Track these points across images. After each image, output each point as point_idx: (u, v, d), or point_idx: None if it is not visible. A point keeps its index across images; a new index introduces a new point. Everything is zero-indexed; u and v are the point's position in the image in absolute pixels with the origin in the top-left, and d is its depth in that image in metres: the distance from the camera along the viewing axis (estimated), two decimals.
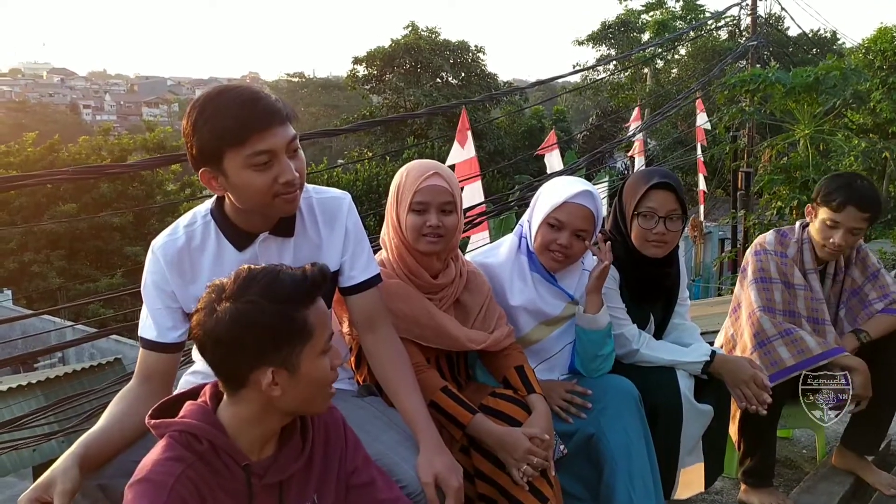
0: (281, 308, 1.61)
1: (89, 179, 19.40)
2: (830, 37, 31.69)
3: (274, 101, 1.97)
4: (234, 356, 1.62)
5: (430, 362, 2.58)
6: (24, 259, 25.64)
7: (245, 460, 1.68)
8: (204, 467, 1.64)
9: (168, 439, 1.66)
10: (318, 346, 1.68)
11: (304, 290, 1.65)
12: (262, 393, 1.65)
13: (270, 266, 1.68)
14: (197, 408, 1.71)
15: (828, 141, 10.27)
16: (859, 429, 3.43)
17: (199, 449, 1.64)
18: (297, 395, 1.69)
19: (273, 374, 1.63)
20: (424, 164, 2.54)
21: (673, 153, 24.86)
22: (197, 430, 1.65)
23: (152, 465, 1.61)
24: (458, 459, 2.42)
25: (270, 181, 1.97)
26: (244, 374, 1.64)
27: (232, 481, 1.67)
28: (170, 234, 2.16)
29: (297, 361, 1.65)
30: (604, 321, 2.73)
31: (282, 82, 73.61)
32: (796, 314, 3.25)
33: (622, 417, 2.62)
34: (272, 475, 1.73)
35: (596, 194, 2.76)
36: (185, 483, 1.59)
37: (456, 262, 2.66)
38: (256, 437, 1.72)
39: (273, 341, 1.62)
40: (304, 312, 1.64)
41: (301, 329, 1.64)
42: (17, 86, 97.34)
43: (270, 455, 1.75)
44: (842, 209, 3.16)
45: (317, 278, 1.67)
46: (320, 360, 1.70)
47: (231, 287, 1.62)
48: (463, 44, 35.73)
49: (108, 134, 32.44)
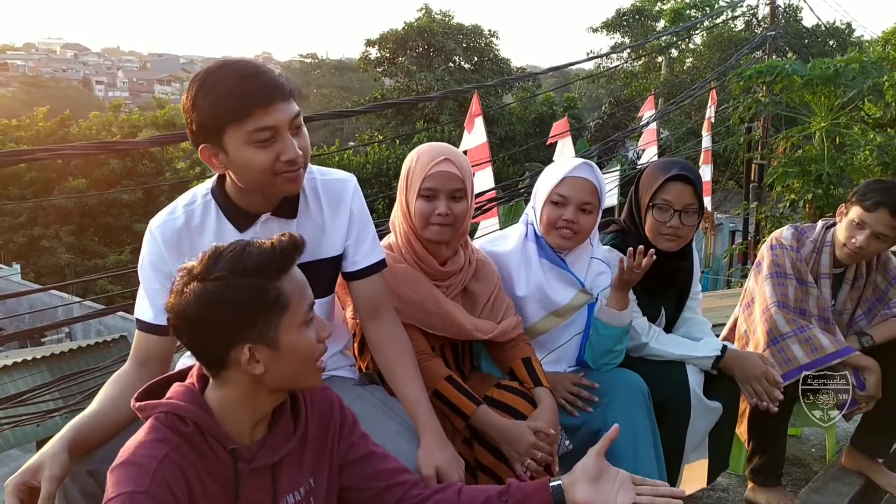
0: (251, 281, 1.54)
1: (98, 155, 19.36)
2: (846, 28, 31.36)
3: (277, 75, 1.89)
4: (209, 336, 1.56)
5: (434, 351, 2.53)
6: (34, 233, 25.75)
7: (232, 444, 1.62)
8: (190, 450, 1.58)
9: (153, 421, 1.60)
10: (297, 317, 1.61)
11: (274, 261, 1.58)
12: (245, 372, 1.59)
13: (237, 241, 1.61)
14: (183, 389, 1.65)
15: (843, 134, 10.15)
16: (870, 431, 3.36)
17: (185, 431, 1.58)
18: (283, 371, 1.62)
19: (251, 350, 1.57)
20: (436, 147, 2.47)
21: (686, 143, 24.70)
22: (182, 411, 1.59)
23: (135, 448, 1.55)
24: (461, 451, 2.37)
25: (272, 159, 1.90)
26: (223, 354, 1.58)
27: (218, 465, 1.61)
28: (169, 213, 2.09)
29: (276, 335, 1.58)
30: (627, 319, 2.66)
31: (294, 63, 73.67)
32: (807, 312, 3.18)
33: (630, 413, 2.55)
34: (261, 458, 1.67)
35: (595, 167, 2.70)
36: (169, 466, 1.53)
37: (465, 250, 2.60)
38: (246, 419, 1.66)
39: (246, 316, 1.55)
40: (277, 283, 1.57)
41: (275, 300, 1.57)
42: (31, 60, 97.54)
43: (260, 438, 1.69)
44: (873, 210, 3.07)
45: (287, 248, 1.60)
46: (302, 332, 1.63)
47: (199, 266, 1.55)
48: (476, 28, 35.54)
49: (119, 110, 32.47)
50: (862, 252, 3.13)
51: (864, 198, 3.11)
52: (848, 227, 3.16)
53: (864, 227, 3.09)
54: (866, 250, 3.13)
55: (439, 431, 2.15)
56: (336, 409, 1.87)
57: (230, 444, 1.62)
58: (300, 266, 2.16)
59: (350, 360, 2.46)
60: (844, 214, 3.21)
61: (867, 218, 3.09)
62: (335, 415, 1.86)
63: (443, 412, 2.36)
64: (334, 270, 2.26)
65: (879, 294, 3.33)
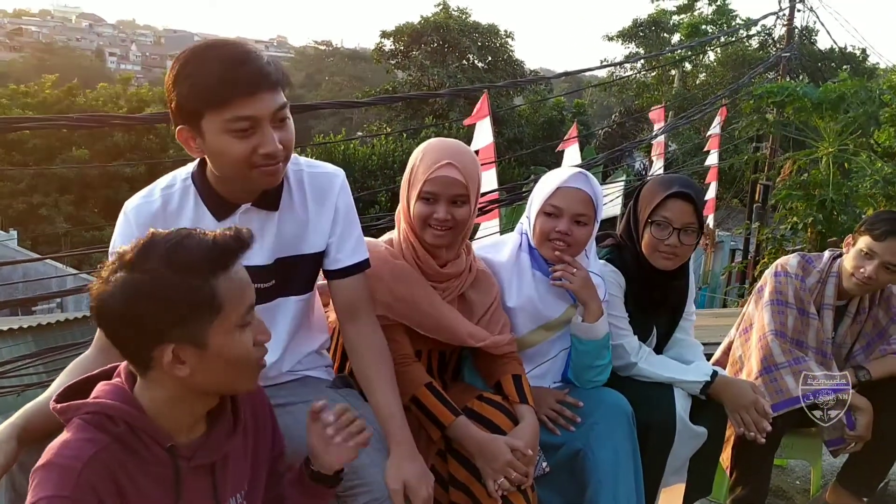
0: (184, 277, 1.43)
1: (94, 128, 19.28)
2: (860, 54, 31.27)
3: (264, 63, 1.80)
4: (132, 332, 1.45)
5: (420, 356, 2.45)
6: (33, 201, 25.70)
7: (169, 441, 1.52)
8: (121, 450, 1.47)
9: (78, 421, 1.49)
10: (231, 321, 1.49)
11: (213, 258, 1.46)
12: (169, 374, 1.49)
13: (177, 230, 1.49)
14: (111, 387, 1.54)
15: (851, 161, 10.06)
16: (857, 469, 3.29)
17: (115, 431, 1.48)
18: (212, 375, 1.51)
19: (175, 351, 1.46)
20: (442, 148, 2.37)
21: (693, 158, 24.61)
22: (111, 410, 1.49)
23: (59, 448, 1.44)
24: (435, 464, 2.31)
25: (249, 150, 1.82)
26: (146, 352, 1.47)
27: (155, 464, 1.51)
28: (145, 195, 2.01)
29: (206, 337, 1.47)
30: (601, 331, 2.57)
31: (309, 49, 73.70)
32: (804, 344, 3.12)
33: (612, 435, 2.48)
34: (202, 456, 1.58)
35: (592, 177, 2.60)
36: (95, 468, 1.42)
37: (467, 256, 2.52)
38: (181, 418, 1.56)
39: (174, 315, 1.43)
40: (213, 282, 1.45)
41: (208, 301, 1.45)
42: (46, 27, 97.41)
43: (200, 436, 1.60)
44: (883, 239, 3.02)
45: (229, 244, 1.49)
46: (236, 336, 1.51)
47: (131, 254, 1.44)
48: (492, 27, 35.44)
49: (129, 83, 32.39)
50: (871, 282, 3.07)
51: (874, 227, 3.06)
52: (856, 256, 3.09)
53: (874, 256, 3.04)
54: (875, 280, 3.06)
55: (410, 444, 2.07)
56: (268, 411, 1.80)
57: (167, 441, 1.52)
58: (281, 260, 2.09)
59: (326, 361, 2.38)
60: (852, 245, 3.15)
61: (876, 247, 3.03)
62: (268, 416, 1.79)
63: (419, 421, 2.29)
64: (315, 267, 2.17)
65: (880, 330, 3.26)
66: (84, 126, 8.85)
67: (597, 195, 2.57)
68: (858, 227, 3.18)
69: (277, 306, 2.13)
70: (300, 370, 2.26)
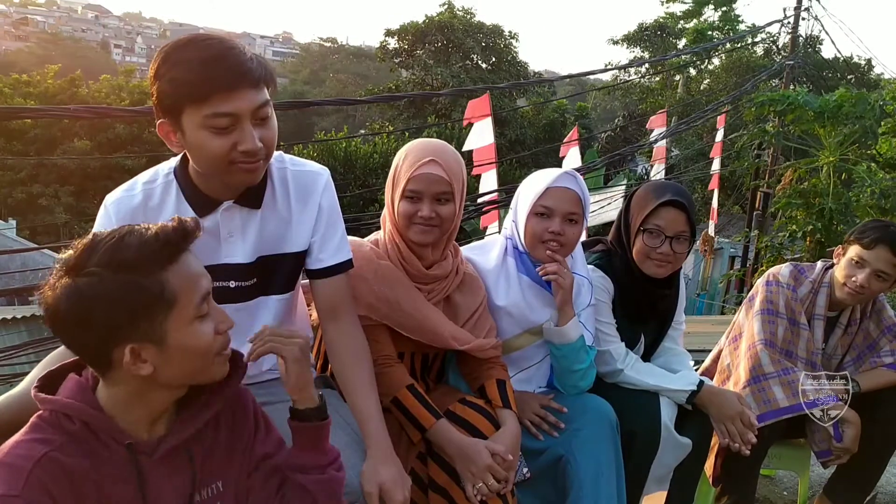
0: (127, 277, 1.39)
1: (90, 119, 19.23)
2: (865, 64, 31.24)
3: (246, 59, 1.78)
4: (86, 336, 1.42)
5: (403, 358, 2.43)
6: (33, 191, 25.68)
7: (128, 439, 1.50)
8: (76, 449, 1.45)
9: (36, 419, 1.48)
10: (187, 312, 1.47)
11: (157, 252, 1.43)
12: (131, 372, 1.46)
13: (118, 228, 1.46)
14: (73, 384, 1.52)
15: (851, 171, 10.04)
16: (844, 481, 3.26)
17: (71, 429, 1.46)
18: (176, 368, 1.49)
19: (134, 351, 1.43)
20: (425, 147, 2.37)
21: (695, 164, 24.60)
22: (69, 409, 1.47)
23: (11, 448, 1.42)
24: (415, 467, 2.29)
25: (228, 147, 1.79)
26: (104, 354, 1.44)
27: (113, 463, 1.49)
28: (127, 189, 1.99)
29: (163, 333, 1.44)
30: (573, 334, 2.55)
31: (314, 45, 73.77)
32: (794, 355, 3.09)
33: (595, 442, 2.46)
34: (165, 446, 1.55)
35: (579, 177, 2.60)
36: (47, 467, 1.40)
37: (454, 258, 2.50)
38: (141, 416, 1.53)
39: (126, 316, 1.40)
40: (160, 277, 1.42)
41: (158, 297, 1.42)
42: (52, 17, 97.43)
43: (163, 433, 1.57)
44: (872, 247, 3.01)
45: (171, 237, 1.45)
46: (195, 327, 1.49)
47: (72, 258, 1.41)
48: (497, 28, 35.38)
49: (132, 76, 32.37)
50: (863, 291, 3.05)
51: (863, 236, 3.05)
52: (847, 266, 3.08)
53: (865, 265, 3.02)
54: (868, 289, 3.04)
55: (388, 447, 2.04)
56: (251, 412, 1.75)
57: (125, 439, 1.50)
58: (262, 258, 2.06)
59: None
60: (842, 255, 3.13)
61: (867, 256, 3.02)
62: (249, 417, 1.74)
63: (400, 423, 2.28)
64: (297, 266, 2.15)
65: (871, 342, 3.24)
66: (81, 117, 8.84)
67: (584, 194, 2.57)
68: (848, 236, 3.17)
69: (258, 305, 2.11)
70: None
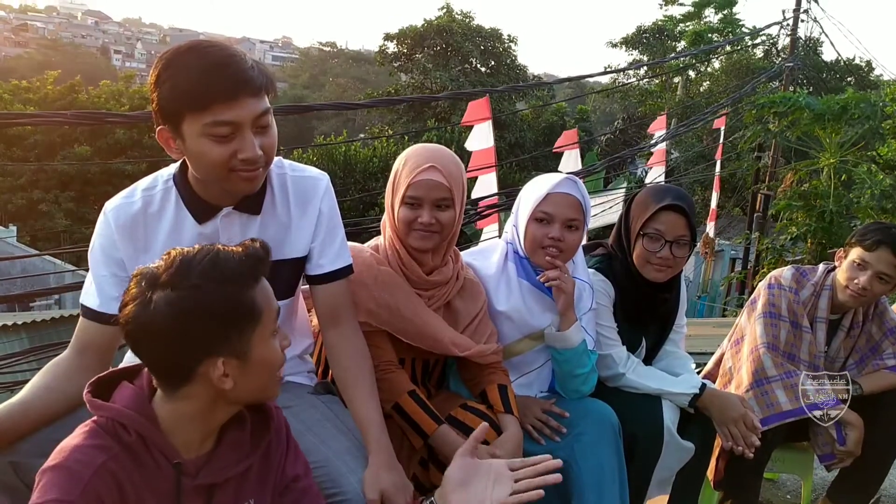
0: (228, 290, 1.45)
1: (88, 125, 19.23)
2: (865, 66, 31.23)
3: (248, 67, 1.77)
4: (179, 349, 1.44)
5: (404, 364, 2.42)
6: (33, 196, 25.66)
7: (177, 458, 1.51)
8: (129, 460, 1.47)
9: (93, 424, 1.49)
10: (268, 328, 1.53)
11: (250, 268, 1.49)
12: (210, 387, 1.49)
13: (206, 246, 1.50)
14: (131, 393, 1.53)
15: (851, 172, 10.04)
16: (847, 484, 3.24)
17: (127, 440, 1.47)
18: (250, 384, 1.53)
19: (224, 364, 1.47)
20: (424, 152, 2.36)
21: (695, 166, 24.60)
22: (127, 419, 1.48)
23: (71, 451, 1.43)
24: (416, 473, 2.29)
25: (228, 155, 1.79)
26: (190, 368, 1.47)
27: (159, 479, 1.50)
28: (126, 196, 1.98)
29: (248, 347, 1.50)
30: (575, 339, 2.55)
31: (313, 50, 73.84)
32: (796, 358, 3.08)
33: (598, 447, 2.45)
34: (205, 476, 1.56)
35: (579, 182, 2.59)
36: (104, 476, 1.42)
37: (455, 264, 2.49)
38: (196, 433, 1.55)
39: (222, 328, 1.46)
40: (251, 293, 1.49)
41: (250, 311, 1.48)
42: (52, 24, 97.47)
43: (207, 452, 1.58)
44: (874, 249, 3.00)
45: (260, 254, 1.52)
46: (271, 343, 1.55)
47: (167, 272, 1.43)
48: (495, 31, 35.39)
49: (131, 81, 32.39)
50: (865, 293, 3.04)
51: (865, 238, 3.05)
52: (849, 268, 3.07)
53: (867, 267, 3.02)
54: (870, 291, 3.03)
55: (389, 453, 2.03)
56: (284, 433, 1.76)
57: (175, 457, 1.51)
58: None
59: (308, 366, 2.35)
60: (844, 258, 3.13)
61: (868, 258, 3.01)
62: (283, 438, 1.75)
63: (402, 429, 2.27)
64: (297, 272, 2.15)
65: (873, 345, 3.23)
66: (79, 123, 8.85)
67: (585, 199, 2.56)
68: (849, 239, 3.16)
69: None
70: (283, 376, 2.22)
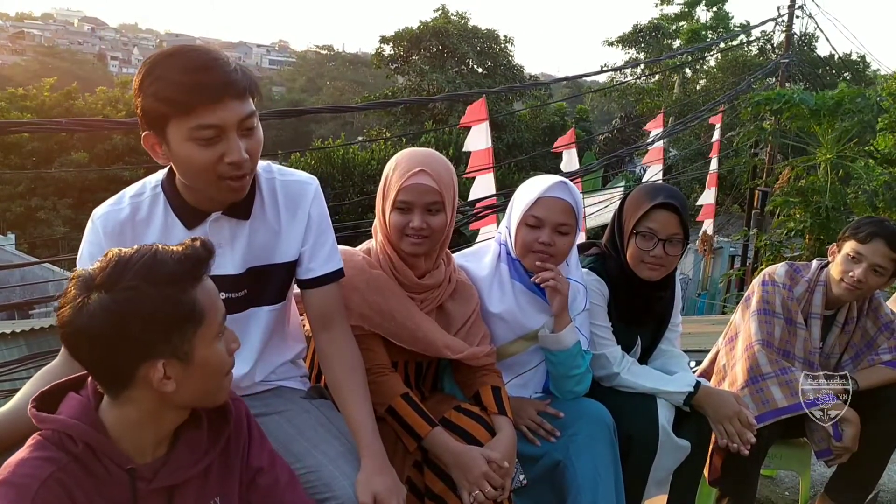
0: (165, 291, 1.41)
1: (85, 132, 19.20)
2: (860, 61, 31.24)
3: (231, 70, 1.77)
4: (117, 353, 1.41)
5: (397, 366, 2.42)
6: (31, 204, 25.68)
7: (129, 464, 1.49)
8: (79, 470, 1.45)
9: (39, 437, 1.47)
10: (211, 330, 1.49)
11: (189, 268, 1.46)
12: (152, 391, 1.46)
13: (144, 246, 1.47)
14: (76, 403, 1.51)
15: (848, 168, 10.03)
16: (845, 480, 3.24)
17: (75, 451, 1.45)
18: (194, 387, 1.50)
19: (164, 366, 1.44)
20: (414, 157, 2.35)
21: (693, 164, 24.60)
22: (73, 429, 1.46)
23: (16, 466, 1.42)
24: (410, 476, 2.28)
25: (214, 159, 1.79)
26: (129, 371, 1.44)
27: (112, 486, 1.48)
28: (114, 203, 1.98)
29: (191, 349, 1.46)
30: (569, 340, 2.54)
31: (310, 53, 73.87)
32: (791, 354, 3.08)
33: (593, 447, 2.45)
34: (163, 478, 1.54)
35: (572, 186, 2.58)
36: (52, 488, 1.40)
37: (447, 267, 2.49)
38: (147, 438, 1.53)
39: (161, 330, 1.42)
40: (192, 293, 1.45)
41: (190, 312, 1.45)
42: (48, 31, 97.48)
43: (162, 456, 1.57)
44: (868, 241, 3.00)
45: (201, 254, 1.48)
46: (215, 345, 1.52)
47: (102, 274, 1.41)
48: (492, 32, 35.41)
49: (127, 87, 32.39)
50: (861, 286, 3.03)
51: (858, 231, 3.05)
52: (843, 262, 3.07)
53: (861, 260, 3.02)
54: (865, 284, 3.03)
55: (382, 456, 2.02)
56: (244, 423, 1.74)
57: (127, 463, 1.49)
58: (252, 269, 2.05)
59: (301, 370, 2.35)
60: (837, 252, 3.12)
61: (863, 250, 3.01)
62: (243, 428, 1.74)
63: (395, 432, 2.26)
64: (288, 276, 2.14)
65: (868, 340, 3.22)
66: (75, 130, 8.84)
67: (577, 203, 2.55)
68: (842, 233, 3.16)
69: (249, 316, 2.10)
70: (274, 380, 2.22)
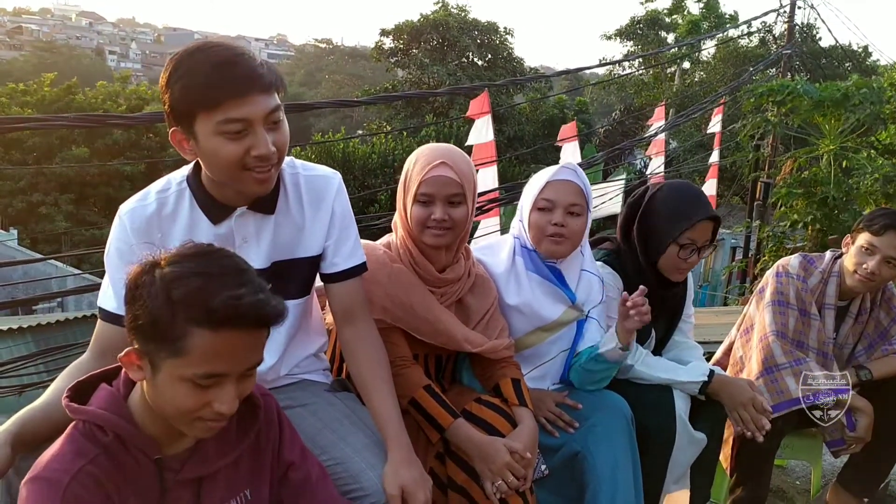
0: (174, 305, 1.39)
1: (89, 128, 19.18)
2: (862, 52, 31.21)
3: (257, 65, 1.80)
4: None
5: (417, 359, 2.44)
6: (33, 199, 25.67)
7: (157, 453, 1.51)
8: (108, 461, 1.47)
9: (72, 430, 1.50)
10: (185, 372, 1.41)
11: (208, 311, 1.39)
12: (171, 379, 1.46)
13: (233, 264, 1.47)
14: (105, 394, 1.53)
15: (852, 159, 10.03)
16: (857, 469, 3.27)
17: (105, 441, 1.47)
18: (158, 401, 1.47)
19: (137, 355, 1.45)
20: (435, 150, 2.38)
21: (694, 156, 24.59)
22: (102, 420, 1.48)
23: (49, 461, 1.44)
24: (433, 467, 2.30)
25: (242, 152, 1.81)
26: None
27: (141, 476, 1.50)
28: (140, 199, 2.00)
29: (157, 368, 1.43)
30: (626, 355, 2.58)
31: (309, 47, 73.77)
32: (805, 345, 3.10)
33: (611, 437, 2.47)
34: (190, 469, 1.56)
35: (579, 170, 2.64)
36: (83, 481, 1.42)
37: (466, 261, 2.52)
38: (174, 429, 1.53)
39: (150, 326, 1.42)
40: (187, 329, 1.39)
41: (172, 340, 1.40)
42: (46, 25, 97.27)
43: (190, 446, 1.58)
44: (882, 233, 3.03)
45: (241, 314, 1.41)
46: (181, 387, 1.43)
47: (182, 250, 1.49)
48: (492, 25, 35.32)
49: (127, 82, 32.37)
50: (874, 278, 3.06)
51: (872, 223, 3.07)
52: (857, 253, 3.09)
53: (875, 252, 3.04)
54: (878, 276, 3.06)
55: (408, 448, 2.04)
56: (275, 417, 1.76)
57: (156, 453, 1.51)
58: (277, 264, 2.07)
59: (323, 364, 2.36)
60: (851, 244, 3.15)
61: (877, 242, 3.04)
62: (274, 423, 1.75)
63: (418, 423, 2.28)
64: (312, 270, 2.16)
65: (882, 330, 3.25)
66: (80, 126, 8.84)
67: (586, 186, 2.60)
68: (857, 224, 3.19)
69: None
70: (298, 373, 2.25)
